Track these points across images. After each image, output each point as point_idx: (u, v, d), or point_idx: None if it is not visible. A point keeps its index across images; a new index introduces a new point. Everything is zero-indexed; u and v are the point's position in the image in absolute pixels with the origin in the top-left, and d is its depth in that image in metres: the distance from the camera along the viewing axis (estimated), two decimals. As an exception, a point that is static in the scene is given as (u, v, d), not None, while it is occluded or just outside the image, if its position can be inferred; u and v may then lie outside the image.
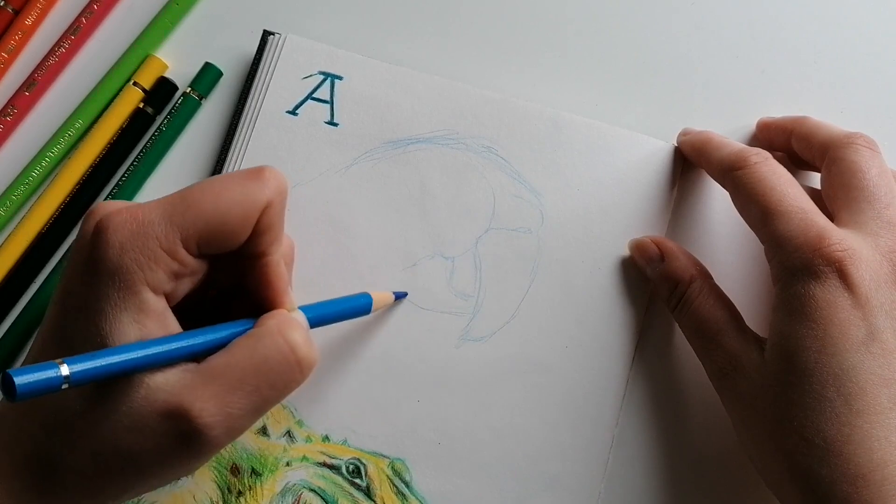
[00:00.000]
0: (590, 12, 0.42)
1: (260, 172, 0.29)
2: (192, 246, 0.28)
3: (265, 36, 0.40)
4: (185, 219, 0.27)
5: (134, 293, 0.27)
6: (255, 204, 0.28)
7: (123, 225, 0.27)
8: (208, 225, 0.27)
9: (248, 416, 0.27)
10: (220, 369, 0.27)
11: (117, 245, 0.27)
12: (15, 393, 0.23)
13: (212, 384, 0.27)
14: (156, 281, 0.27)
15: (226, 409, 0.27)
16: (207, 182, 0.28)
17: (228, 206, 0.28)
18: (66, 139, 0.41)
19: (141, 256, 0.27)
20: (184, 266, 0.28)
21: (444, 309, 0.38)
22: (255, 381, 0.27)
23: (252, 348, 0.28)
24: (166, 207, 0.27)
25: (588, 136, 0.39)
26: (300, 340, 0.28)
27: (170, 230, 0.27)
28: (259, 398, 0.27)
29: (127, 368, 0.26)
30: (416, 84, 0.40)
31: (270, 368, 0.27)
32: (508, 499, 0.37)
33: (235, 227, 0.28)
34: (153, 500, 0.36)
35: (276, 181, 0.29)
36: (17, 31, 0.41)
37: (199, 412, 0.26)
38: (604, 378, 0.38)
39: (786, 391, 0.31)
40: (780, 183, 0.33)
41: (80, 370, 0.25)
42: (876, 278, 0.31)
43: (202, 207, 0.27)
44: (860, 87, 0.42)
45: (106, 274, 0.27)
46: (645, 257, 0.38)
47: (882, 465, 0.29)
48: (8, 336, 0.39)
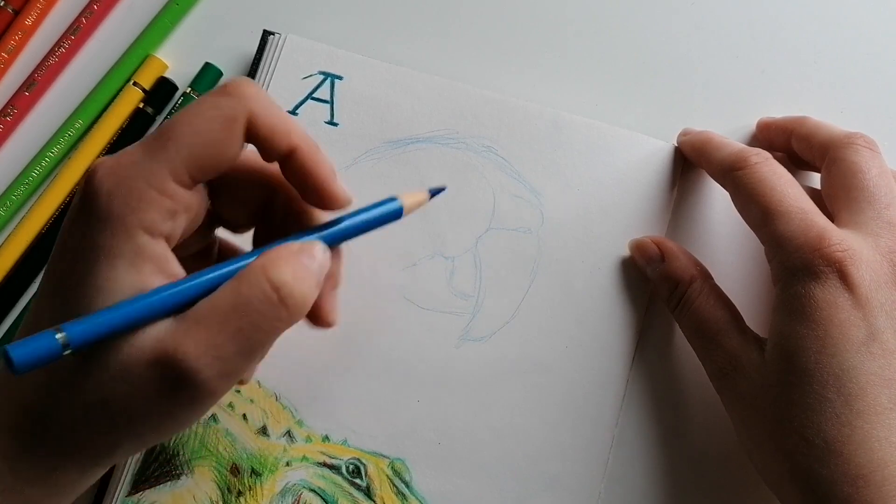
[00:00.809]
0: (590, 12, 0.42)
1: (226, 87, 0.28)
2: (183, 177, 0.27)
3: (265, 36, 0.40)
4: (168, 151, 0.27)
5: (128, 237, 0.26)
6: (233, 116, 0.27)
7: (109, 172, 0.26)
8: (193, 151, 0.27)
9: (238, 359, 0.27)
10: (204, 313, 0.26)
11: (105, 192, 0.26)
12: (13, 368, 0.23)
13: (196, 328, 0.26)
14: (150, 222, 0.26)
15: (211, 352, 0.26)
16: (180, 112, 0.28)
17: (207, 125, 0.27)
18: (66, 139, 0.41)
19: (130, 199, 0.26)
20: (177, 201, 0.27)
21: (444, 309, 0.38)
22: (237, 323, 0.26)
23: (235, 290, 0.27)
24: (148, 146, 0.27)
25: (588, 136, 0.39)
26: (287, 278, 0.27)
27: (155, 166, 0.26)
28: (245, 340, 0.26)
29: (127, 326, 0.26)
30: (416, 84, 0.40)
31: (253, 309, 0.26)
32: (508, 499, 0.37)
33: (221, 144, 0.27)
34: (153, 500, 0.36)
35: (247, 88, 0.28)
36: (17, 31, 0.41)
37: (184, 356, 0.26)
38: (604, 378, 0.38)
39: (786, 391, 0.31)
40: (780, 183, 0.33)
41: (80, 337, 0.24)
42: (876, 278, 0.31)
43: (181, 136, 0.27)
44: (860, 87, 0.42)
45: (97, 222, 0.26)
46: (645, 257, 0.38)
47: (882, 466, 0.30)
48: (8, 336, 0.39)
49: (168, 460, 0.37)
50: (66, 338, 0.24)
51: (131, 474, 0.37)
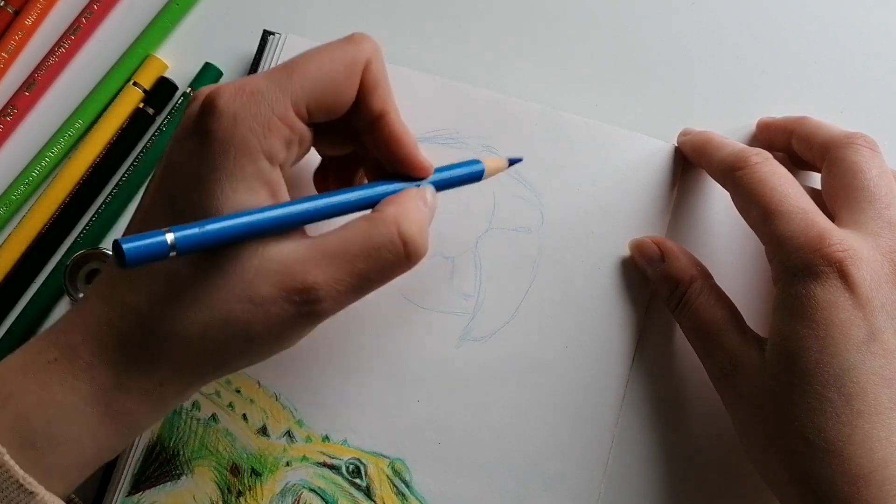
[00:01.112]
0: (590, 13, 0.42)
1: (352, 36, 0.30)
2: (302, 110, 0.28)
3: (265, 36, 0.40)
4: (294, 83, 0.28)
5: (251, 161, 0.27)
6: (355, 61, 0.29)
7: (234, 96, 0.27)
8: (315, 87, 0.28)
9: (352, 293, 0.29)
10: (333, 248, 0.28)
11: (230, 115, 0.27)
12: (124, 259, 0.23)
13: (325, 261, 0.28)
14: (271, 149, 0.28)
15: (335, 286, 0.28)
16: (307, 51, 0.29)
17: (331, 66, 0.29)
18: (66, 139, 0.41)
19: (255, 124, 0.27)
20: (294, 132, 0.28)
21: (444, 309, 0.38)
22: (364, 265, 0.28)
23: (367, 234, 0.28)
24: (273, 76, 0.28)
25: (588, 136, 0.39)
26: (413, 231, 0.29)
27: (280, 95, 0.28)
28: (365, 280, 0.29)
29: (234, 235, 0.26)
30: (416, 84, 0.40)
31: (381, 256, 0.28)
32: (508, 499, 0.37)
33: (341, 85, 0.29)
34: (153, 500, 0.36)
35: (370, 42, 0.30)
36: (17, 31, 0.41)
37: (313, 284, 0.27)
38: (604, 378, 0.38)
39: (786, 391, 0.31)
40: (780, 183, 0.33)
41: (187, 236, 0.25)
42: (876, 278, 0.31)
43: (308, 71, 0.28)
44: (860, 87, 0.42)
45: (219, 144, 0.27)
46: (645, 257, 0.38)
47: (883, 466, 0.29)
48: (8, 336, 0.39)
49: (168, 460, 0.37)
50: (174, 238, 0.25)
51: (131, 474, 0.37)
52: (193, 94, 0.30)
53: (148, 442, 0.37)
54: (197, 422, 0.37)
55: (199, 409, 0.37)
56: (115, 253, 0.24)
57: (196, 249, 0.26)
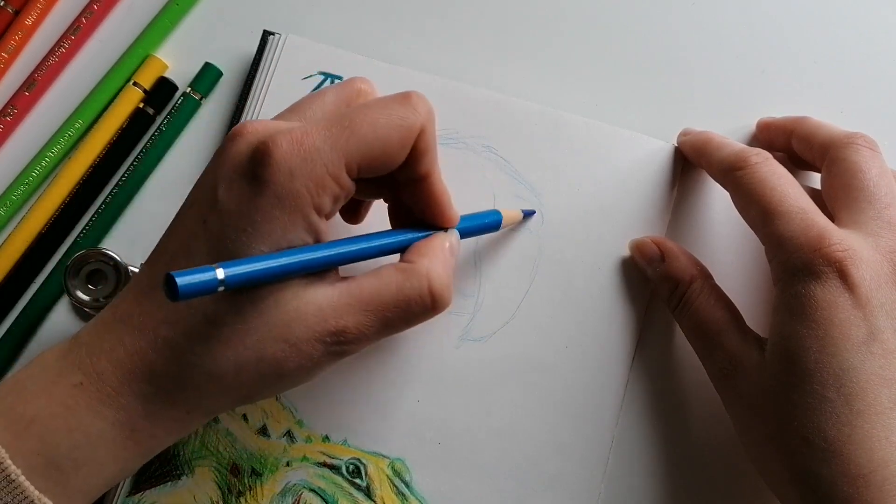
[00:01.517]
0: (590, 13, 0.42)
1: (409, 98, 0.30)
2: (353, 171, 0.29)
3: (265, 36, 0.40)
4: (349, 145, 0.28)
5: (303, 216, 0.28)
6: (411, 129, 0.29)
7: (292, 150, 0.28)
8: (370, 150, 0.29)
9: (377, 336, 0.30)
10: (367, 296, 0.29)
11: (287, 170, 0.28)
12: (177, 293, 0.24)
13: (358, 308, 0.29)
14: (322, 205, 0.28)
15: (364, 330, 0.29)
16: (364, 107, 0.29)
17: (387, 132, 0.29)
18: (66, 139, 0.41)
19: (311, 183, 0.28)
20: (343, 189, 0.29)
21: (444, 309, 0.38)
22: (393, 315, 0.30)
23: (400, 286, 0.30)
24: (331, 134, 0.28)
25: (588, 136, 0.39)
26: (443, 286, 0.30)
27: (335, 157, 0.28)
28: (392, 327, 0.30)
29: (279, 273, 0.27)
30: (416, 84, 0.39)
31: (409, 308, 0.30)
32: (508, 499, 0.37)
33: (393, 152, 0.29)
34: (154, 500, 0.36)
35: (425, 105, 0.30)
36: (17, 31, 0.41)
37: (344, 329, 0.29)
38: (604, 378, 0.38)
39: (786, 391, 0.31)
40: (780, 183, 0.33)
41: (236, 273, 0.26)
42: (876, 278, 0.31)
43: (363, 134, 0.29)
44: (860, 87, 0.42)
45: (274, 196, 0.28)
46: (645, 257, 0.38)
47: (883, 465, 0.29)
48: (8, 336, 0.39)
49: (168, 460, 0.37)
50: (224, 274, 0.26)
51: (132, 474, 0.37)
52: (237, 128, 0.29)
53: (148, 442, 0.37)
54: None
55: (199, 409, 0.37)
56: (166, 286, 0.25)
57: (242, 285, 0.27)
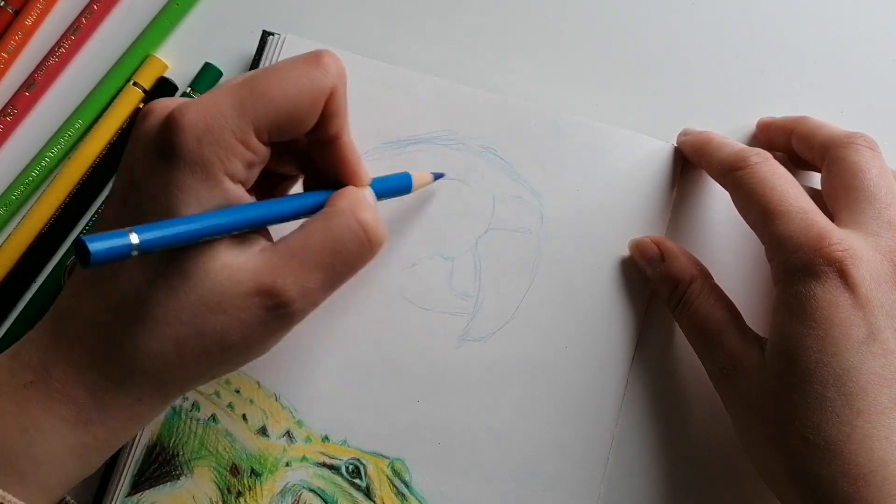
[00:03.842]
0: (590, 13, 0.42)
1: (319, 57, 0.29)
2: (263, 135, 0.28)
3: (265, 36, 0.40)
4: (257, 109, 0.28)
5: (216, 183, 0.28)
6: (321, 90, 0.29)
7: (198, 118, 0.27)
8: (278, 114, 0.28)
9: (323, 290, 0.29)
10: (297, 249, 0.28)
11: (194, 137, 0.27)
12: (89, 257, 0.23)
13: (291, 262, 0.28)
14: (233, 170, 0.28)
15: (305, 284, 0.28)
16: (272, 70, 0.29)
17: (296, 93, 0.28)
18: (66, 139, 0.41)
19: (219, 148, 0.27)
20: (256, 154, 0.29)
21: (443, 309, 0.38)
22: (330, 259, 0.29)
23: (326, 228, 0.29)
24: (237, 99, 0.28)
25: (588, 136, 0.39)
26: (370, 219, 0.30)
27: (243, 121, 0.28)
28: (334, 274, 0.29)
29: (195, 232, 0.27)
30: (416, 84, 0.40)
31: (344, 247, 0.29)
32: (508, 499, 0.37)
33: (304, 114, 0.29)
34: (153, 501, 0.36)
35: (336, 65, 0.30)
36: (17, 31, 0.41)
37: (283, 287, 0.28)
38: (604, 378, 0.38)
39: (786, 391, 0.31)
40: (780, 183, 0.33)
41: (150, 236, 0.25)
42: (876, 278, 0.31)
43: (271, 97, 0.28)
44: (860, 87, 0.42)
45: (185, 165, 0.27)
46: (645, 257, 0.38)
47: (883, 465, 0.29)
48: (8, 336, 0.39)
49: (168, 461, 0.37)
50: (137, 237, 0.25)
51: (131, 474, 0.37)
52: (146, 107, 0.29)
53: (147, 442, 0.37)
54: (196, 422, 0.37)
55: (199, 410, 0.37)
56: (77, 252, 0.24)
57: (158, 247, 0.26)
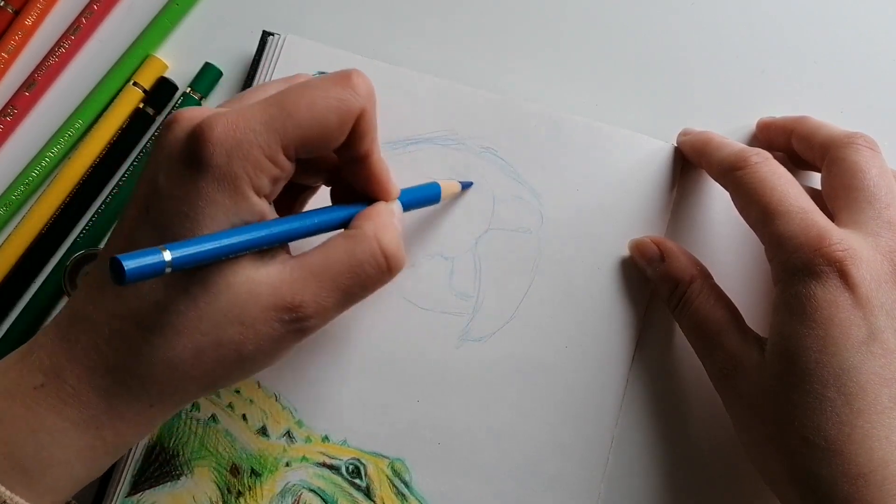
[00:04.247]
0: (590, 13, 0.42)
1: (348, 78, 0.29)
2: (290, 152, 0.29)
3: (265, 36, 0.40)
4: (286, 127, 0.28)
5: (243, 197, 0.28)
6: (350, 111, 0.29)
7: (228, 132, 0.28)
8: (307, 133, 0.29)
9: (336, 310, 0.30)
10: (317, 267, 0.29)
11: (224, 152, 0.27)
12: (124, 276, 0.24)
13: (311, 280, 0.29)
14: (260, 186, 0.28)
15: (321, 302, 0.29)
16: (301, 88, 0.29)
17: (325, 113, 0.29)
18: (66, 139, 0.41)
19: (247, 164, 0.28)
20: (282, 170, 0.29)
21: (443, 309, 0.38)
22: (348, 282, 0.29)
23: (349, 251, 0.29)
24: (266, 115, 0.28)
25: (588, 136, 0.39)
26: (393, 245, 0.30)
27: (272, 138, 0.28)
28: (350, 295, 0.30)
29: (226, 250, 0.27)
30: (416, 85, 0.40)
31: (363, 270, 0.29)
32: (508, 499, 0.37)
33: (332, 133, 0.29)
34: (153, 501, 0.36)
35: (365, 86, 0.30)
36: (17, 31, 0.41)
37: (301, 303, 0.28)
38: (604, 378, 0.38)
39: (786, 391, 0.31)
40: (780, 183, 0.33)
41: (183, 254, 0.25)
42: (876, 278, 0.31)
43: (300, 116, 0.28)
44: (860, 87, 0.42)
45: (214, 178, 0.28)
46: (645, 257, 0.38)
47: (883, 465, 0.29)
48: (8, 336, 0.39)
49: (168, 461, 0.37)
50: (170, 255, 0.25)
51: (131, 474, 0.37)
52: (172, 116, 0.29)
53: (147, 442, 0.37)
54: (196, 422, 0.37)
55: (199, 410, 0.37)
56: (112, 271, 0.24)
57: (190, 265, 0.26)
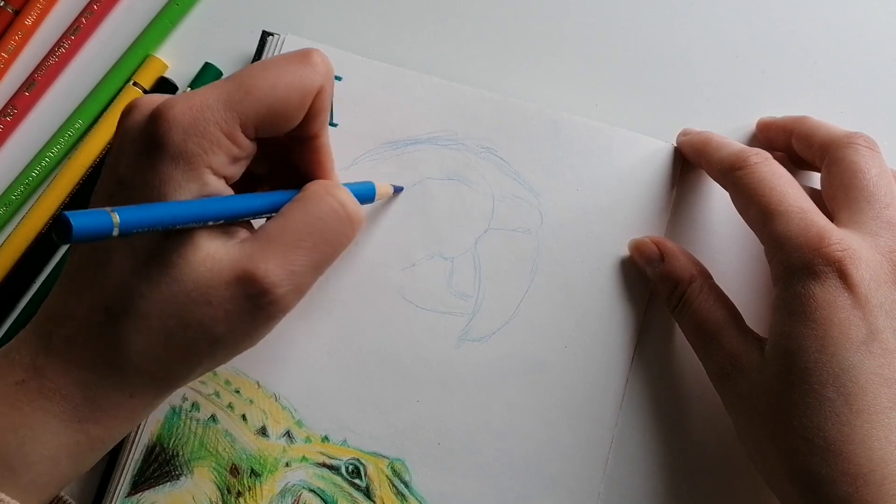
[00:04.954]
0: (590, 13, 0.42)
1: (309, 56, 0.29)
2: (249, 130, 0.29)
3: (264, 36, 0.40)
4: (244, 105, 0.28)
5: (198, 176, 0.28)
6: (309, 89, 0.29)
7: (185, 111, 0.28)
8: (266, 110, 0.28)
9: (309, 273, 0.29)
10: (276, 232, 0.28)
11: (180, 130, 0.27)
12: (71, 231, 0.23)
13: (271, 246, 0.28)
14: (217, 164, 0.28)
15: (288, 267, 0.28)
16: (261, 67, 0.29)
17: (285, 91, 0.29)
18: (66, 139, 0.41)
19: (204, 140, 0.28)
20: (241, 149, 0.29)
21: (443, 309, 0.38)
22: (311, 239, 0.29)
23: (304, 209, 0.29)
24: (224, 94, 0.28)
25: (588, 136, 0.39)
26: (348, 198, 0.30)
27: (229, 116, 0.28)
28: (317, 254, 0.29)
29: (176, 219, 0.27)
30: (415, 85, 0.40)
31: (325, 225, 0.29)
32: (508, 499, 0.37)
33: (291, 111, 0.29)
34: (153, 501, 0.36)
35: (325, 65, 0.30)
36: (17, 31, 0.41)
37: (265, 273, 0.28)
38: (604, 378, 0.38)
39: (786, 391, 0.31)
40: (780, 183, 0.33)
41: (130, 217, 0.25)
42: (876, 278, 0.31)
43: (260, 93, 0.28)
44: (860, 87, 0.42)
45: (170, 157, 0.27)
46: (645, 257, 0.38)
47: (882, 465, 0.29)
48: (8, 336, 0.39)
49: (167, 461, 0.37)
50: (118, 217, 0.25)
51: (131, 475, 0.37)
52: (131, 102, 0.29)
53: (147, 442, 0.37)
54: (196, 422, 0.37)
55: (199, 410, 0.37)
56: (59, 227, 0.23)
57: (137, 228, 0.26)
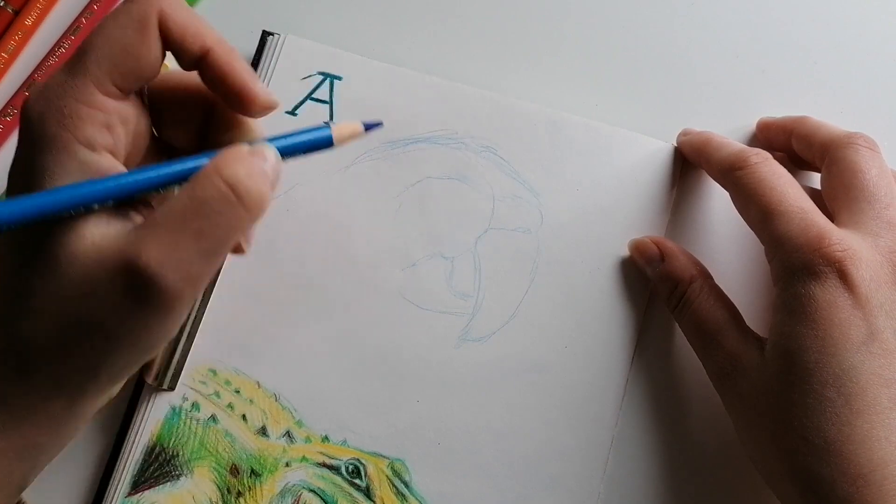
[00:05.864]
0: (590, 13, 0.42)
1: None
2: (108, 88, 0.27)
3: (264, 36, 0.40)
4: (88, 65, 0.27)
5: (70, 154, 0.26)
6: (143, 18, 0.27)
7: (38, 96, 0.27)
8: (111, 60, 0.27)
9: (200, 260, 0.26)
10: (162, 217, 0.26)
11: (36, 116, 0.26)
12: None
13: (155, 232, 0.26)
14: (86, 136, 0.27)
15: (174, 254, 0.26)
16: (98, 25, 0.28)
17: (120, 33, 0.27)
18: (65, 139, 0.41)
19: (62, 117, 0.26)
20: (109, 112, 0.27)
21: (443, 309, 0.38)
22: (196, 224, 0.26)
23: (189, 193, 0.26)
24: (67, 64, 0.27)
25: (588, 136, 0.39)
26: (241, 175, 0.27)
27: (79, 82, 0.27)
28: (205, 240, 0.26)
29: (47, 207, 0.25)
30: (416, 84, 0.40)
31: (211, 209, 0.26)
32: (508, 499, 0.37)
33: (138, 49, 0.27)
34: (153, 501, 0.36)
35: None
36: (17, 31, 0.41)
37: (147, 260, 0.25)
38: (603, 378, 0.38)
39: (786, 391, 0.31)
40: (780, 183, 0.33)
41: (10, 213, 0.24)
42: (876, 278, 0.31)
43: (97, 47, 0.27)
44: (860, 87, 0.42)
45: (37, 146, 0.26)
46: (645, 257, 0.38)
47: (882, 465, 0.29)
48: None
49: (167, 461, 0.37)
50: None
51: (131, 475, 0.37)
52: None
53: (147, 442, 0.37)
54: (196, 422, 0.37)
55: (199, 410, 0.37)
56: None
57: (11, 223, 0.25)
